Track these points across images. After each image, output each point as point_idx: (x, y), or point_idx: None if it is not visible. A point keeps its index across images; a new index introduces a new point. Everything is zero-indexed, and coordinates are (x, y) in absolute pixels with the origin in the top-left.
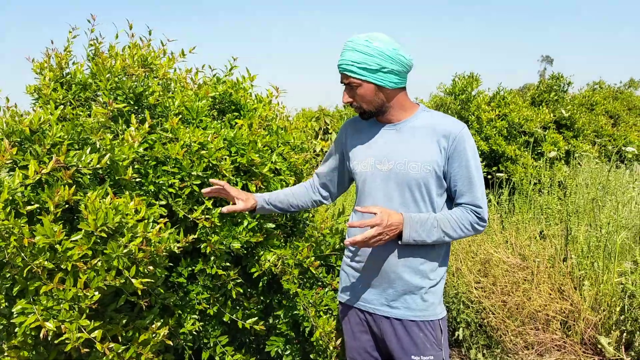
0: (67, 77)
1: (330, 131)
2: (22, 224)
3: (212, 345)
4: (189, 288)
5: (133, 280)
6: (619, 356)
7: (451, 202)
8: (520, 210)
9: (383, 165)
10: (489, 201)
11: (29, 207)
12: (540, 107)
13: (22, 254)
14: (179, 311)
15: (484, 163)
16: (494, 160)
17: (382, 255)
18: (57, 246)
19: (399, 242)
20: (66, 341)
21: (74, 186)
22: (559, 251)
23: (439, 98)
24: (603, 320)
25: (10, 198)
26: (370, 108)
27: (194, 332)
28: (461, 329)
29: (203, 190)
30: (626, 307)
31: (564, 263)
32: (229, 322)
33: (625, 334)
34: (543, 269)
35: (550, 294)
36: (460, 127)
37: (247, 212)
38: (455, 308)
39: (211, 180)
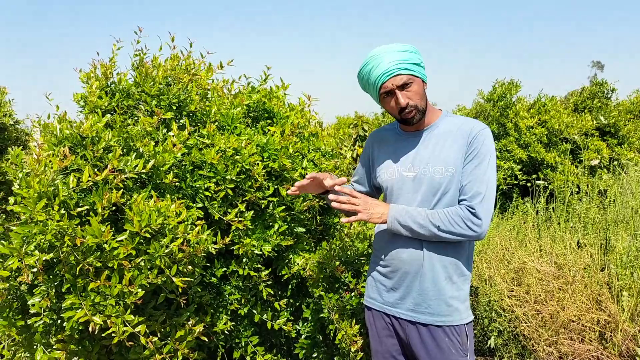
0: (112, 86)
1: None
2: (75, 225)
3: (243, 345)
4: (222, 288)
5: (174, 279)
6: None
7: None
8: (557, 218)
9: (409, 171)
10: (526, 208)
11: (79, 209)
12: (583, 114)
13: (75, 253)
14: (212, 310)
15: (522, 171)
16: (534, 167)
17: (408, 262)
18: (105, 245)
19: (386, 227)
20: (112, 334)
21: (122, 190)
22: (596, 261)
23: (479, 105)
24: None
25: (64, 200)
26: (423, 105)
27: (226, 332)
28: (493, 337)
29: (289, 192)
30: None
31: (602, 273)
32: (259, 322)
33: None
34: (579, 279)
35: (585, 304)
36: (482, 127)
37: (278, 218)
38: (487, 316)
39: (308, 175)
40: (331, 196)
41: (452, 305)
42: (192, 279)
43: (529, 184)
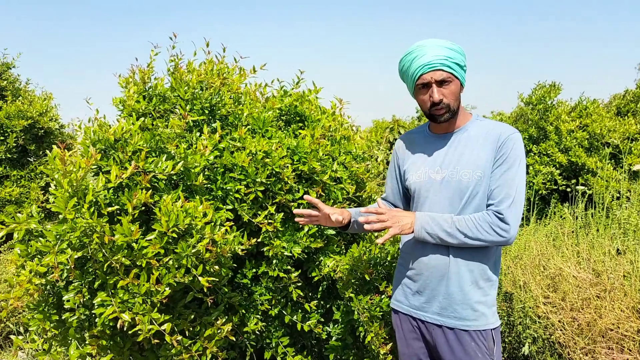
0: (149, 90)
1: None
2: (104, 223)
3: (274, 345)
4: (253, 289)
5: (200, 278)
6: None
7: None
8: (596, 224)
9: (437, 174)
10: (564, 213)
11: (109, 208)
12: (626, 117)
13: (103, 251)
14: (243, 310)
15: (562, 175)
16: (574, 173)
17: (434, 265)
18: (134, 244)
19: (414, 236)
20: (139, 332)
21: (150, 190)
22: (637, 268)
23: (519, 108)
24: None
25: (94, 200)
26: (456, 106)
27: (257, 332)
28: (527, 344)
29: (295, 211)
30: None
31: None
32: (290, 324)
33: None
34: (618, 286)
35: (625, 313)
36: (512, 131)
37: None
38: (522, 323)
39: (306, 197)
40: (361, 219)
41: (478, 310)
42: (218, 279)
43: (568, 189)
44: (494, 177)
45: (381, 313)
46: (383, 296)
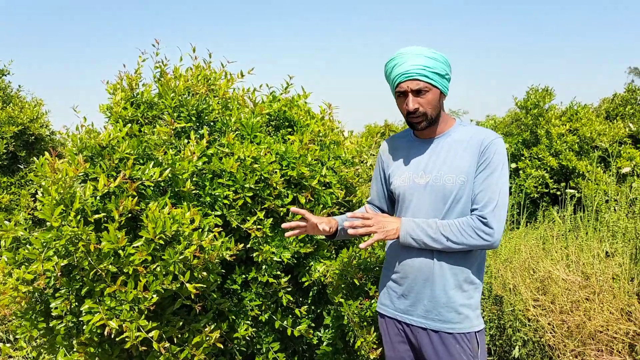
0: (137, 97)
1: None
2: (90, 231)
3: (264, 351)
4: (243, 295)
5: (188, 285)
6: None
7: None
8: (585, 227)
9: (421, 178)
10: (554, 216)
11: (96, 216)
12: (615, 121)
13: (89, 258)
14: (233, 317)
15: (553, 179)
16: (565, 176)
17: (419, 268)
18: (120, 252)
19: (399, 241)
20: (126, 339)
21: (137, 197)
22: (625, 270)
23: (514, 113)
24: None
25: (81, 207)
26: (434, 115)
27: (247, 338)
28: (517, 347)
29: (284, 225)
30: None
31: (631, 283)
32: (280, 329)
33: None
34: (607, 288)
35: (614, 315)
36: (494, 137)
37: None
38: (512, 326)
39: (292, 208)
40: (346, 223)
41: (462, 313)
42: (206, 285)
43: (559, 193)
44: (477, 181)
45: (371, 318)
46: (372, 301)
